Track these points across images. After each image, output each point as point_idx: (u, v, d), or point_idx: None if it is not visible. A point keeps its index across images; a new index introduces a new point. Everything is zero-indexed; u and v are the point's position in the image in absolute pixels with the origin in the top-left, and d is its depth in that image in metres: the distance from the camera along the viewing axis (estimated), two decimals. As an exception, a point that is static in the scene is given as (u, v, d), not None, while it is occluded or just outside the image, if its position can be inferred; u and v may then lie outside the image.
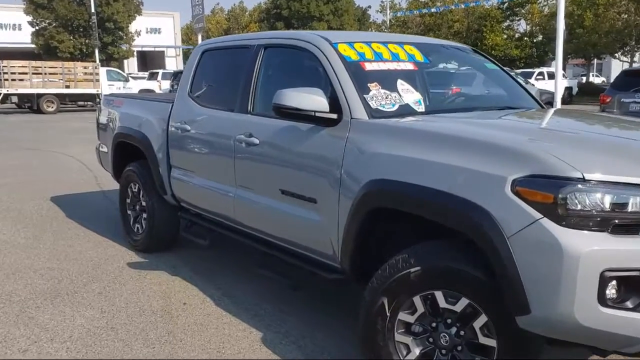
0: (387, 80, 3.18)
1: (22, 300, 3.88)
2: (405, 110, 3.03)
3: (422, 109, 3.09)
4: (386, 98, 3.04)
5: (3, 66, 23.41)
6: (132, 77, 29.42)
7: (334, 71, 3.11)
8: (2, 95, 23.44)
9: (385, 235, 2.87)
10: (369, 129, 2.85)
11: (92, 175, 8.66)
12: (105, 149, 5.50)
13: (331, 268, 3.08)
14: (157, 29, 51.48)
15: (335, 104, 2.99)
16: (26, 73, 23.88)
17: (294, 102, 2.94)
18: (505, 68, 4.07)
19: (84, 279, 4.28)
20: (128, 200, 5.07)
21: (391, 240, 2.89)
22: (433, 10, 40.88)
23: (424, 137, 2.59)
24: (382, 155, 2.66)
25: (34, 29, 35.71)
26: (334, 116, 2.97)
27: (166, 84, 28.14)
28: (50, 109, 23.89)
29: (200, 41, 21.54)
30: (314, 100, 2.95)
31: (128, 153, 4.99)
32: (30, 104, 23.96)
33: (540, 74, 28.58)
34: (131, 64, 46.02)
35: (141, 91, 26.24)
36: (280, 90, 3.00)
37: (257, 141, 3.47)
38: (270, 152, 3.41)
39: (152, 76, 30.68)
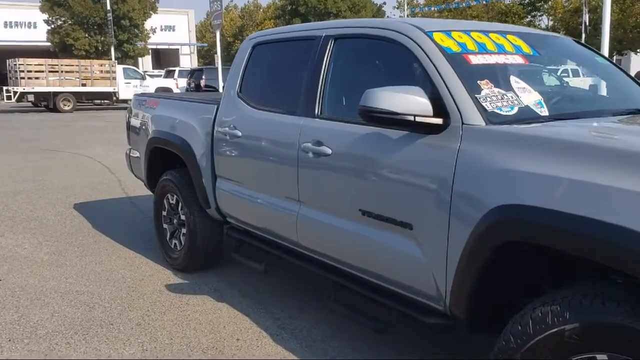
0: (498, 76, 2.60)
1: (49, 333, 3.34)
2: (527, 114, 2.44)
3: (545, 112, 2.48)
4: (502, 99, 2.44)
5: (19, 64, 23.04)
6: (149, 75, 28.96)
7: (434, 66, 2.52)
8: (18, 93, 23.10)
9: (508, 272, 2.28)
10: (489, 139, 2.25)
11: (115, 178, 8.16)
12: (136, 154, 4.95)
13: (432, 310, 2.49)
14: (171, 27, 51.07)
15: (438, 107, 2.40)
16: (42, 71, 23.52)
17: (389, 104, 2.36)
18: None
19: (118, 305, 3.73)
20: (164, 213, 4.52)
21: (516, 278, 2.30)
22: (452, 6, 40.05)
23: (581, 152, 1.98)
24: (518, 173, 2.06)
25: (49, 27, 35.37)
26: (439, 121, 2.38)
27: (183, 82, 27.66)
28: (66, 108, 23.52)
29: (218, 38, 21.08)
30: (413, 101, 2.36)
31: (164, 160, 4.44)
32: (46, 102, 23.61)
33: (565, 71, 27.74)
34: (146, 62, 45.62)
35: (158, 89, 25.78)
36: (370, 90, 2.41)
37: (329, 151, 2.89)
38: (347, 165, 2.83)
39: (169, 74, 30.21)
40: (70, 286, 4.06)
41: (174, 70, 30.60)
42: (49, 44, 35.85)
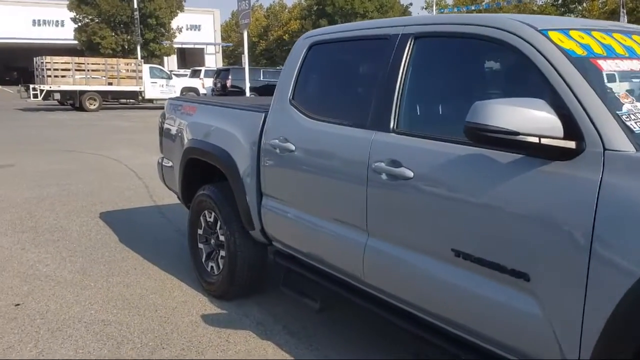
0: (636, 88, 2.06)
1: (71, 376, 2.89)
2: (681, 138, 1.90)
3: (700, 134, 1.94)
4: (648, 117, 1.91)
5: (46, 62, 22.90)
6: (174, 75, 28.70)
7: (557, 73, 1.98)
8: (44, 92, 22.94)
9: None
10: (647, 170, 1.72)
11: (142, 184, 7.74)
12: (170, 164, 4.49)
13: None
14: (197, 26, 51.10)
15: (569, 126, 1.87)
16: (69, 70, 23.30)
17: (507, 121, 1.83)
18: None
19: (149, 341, 3.26)
20: (200, 232, 4.04)
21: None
22: (482, 6, 39.24)
23: None
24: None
25: (76, 25, 35.43)
26: (571, 145, 1.85)
27: (209, 82, 27.34)
28: (92, 107, 23.29)
29: (245, 38, 20.69)
30: (538, 118, 1.84)
31: (202, 172, 3.97)
32: (72, 101, 23.41)
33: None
34: (171, 61, 45.61)
35: (184, 89, 25.48)
36: (481, 103, 1.89)
37: (410, 173, 2.37)
38: (436, 192, 2.31)
39: (195, 74, 29.92)
40: (96, 314, 3.61)
41: (200, 70, 30.31)
42: (76, 42, 35.94)
